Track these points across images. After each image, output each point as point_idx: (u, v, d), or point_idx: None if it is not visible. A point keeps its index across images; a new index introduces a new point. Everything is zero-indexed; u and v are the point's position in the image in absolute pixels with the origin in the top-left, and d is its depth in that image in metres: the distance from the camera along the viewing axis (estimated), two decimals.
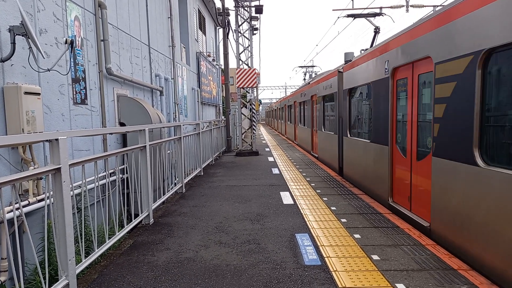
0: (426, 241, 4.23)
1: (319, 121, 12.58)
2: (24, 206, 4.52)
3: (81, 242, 3.41)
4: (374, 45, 8.81)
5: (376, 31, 10.18)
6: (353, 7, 15.64)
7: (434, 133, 4.44)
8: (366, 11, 15.36)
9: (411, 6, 14.31)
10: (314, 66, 36.49)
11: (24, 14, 4.41)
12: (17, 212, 2.62)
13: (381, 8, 15.55)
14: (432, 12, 5.25)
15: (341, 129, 9.37)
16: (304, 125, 16.39)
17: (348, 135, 8.56)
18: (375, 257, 3.83)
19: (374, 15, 10.94)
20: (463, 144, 3.86)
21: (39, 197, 4.78)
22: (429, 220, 4.66)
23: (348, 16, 11.81)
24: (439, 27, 4.34)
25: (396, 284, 3.21)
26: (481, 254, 3.60)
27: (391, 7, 15.08)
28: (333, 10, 16.82)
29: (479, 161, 3.63)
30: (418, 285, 3.20)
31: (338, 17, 18.35)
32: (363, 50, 8.54)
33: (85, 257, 3.43)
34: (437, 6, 15.06)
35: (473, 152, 3.70)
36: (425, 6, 15.19)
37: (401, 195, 5.65)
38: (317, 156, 12.97)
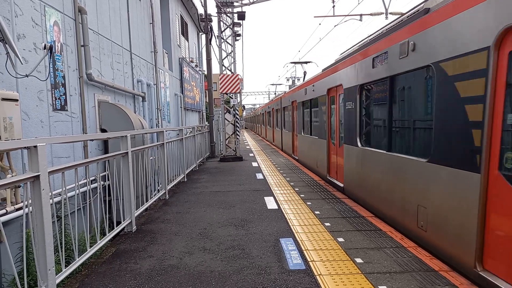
0: (408, 244, 4.31)
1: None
2: (1, 215, 4.39)
3: (61, 251, 3.33)
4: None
5: (305, 73, 18.20)
6: (334, 14, 15.92)
7: None
8: (346, 19, 15.72)
9: (390, 13, 14.66)
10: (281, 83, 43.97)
11: (1, 19, 4.32)
12: None
13: (361, 15, 15.90)
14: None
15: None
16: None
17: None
18: (358, 260, 3.87)
19: (306, 62, 18.80)
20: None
21: (17, 206, 4.65)
22: None
23: (292, 62, 22.39)
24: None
25: (379, 287, 3.26)
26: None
27: (371, 14, 15.43)
28: (314, 17, 17.10)
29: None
30: (401, 287, 3.25)
31: (320, 24, 18.61)
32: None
33: (66, 266, 3.35)
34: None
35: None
36: (404, 14, 15.58)
37: None
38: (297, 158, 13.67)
